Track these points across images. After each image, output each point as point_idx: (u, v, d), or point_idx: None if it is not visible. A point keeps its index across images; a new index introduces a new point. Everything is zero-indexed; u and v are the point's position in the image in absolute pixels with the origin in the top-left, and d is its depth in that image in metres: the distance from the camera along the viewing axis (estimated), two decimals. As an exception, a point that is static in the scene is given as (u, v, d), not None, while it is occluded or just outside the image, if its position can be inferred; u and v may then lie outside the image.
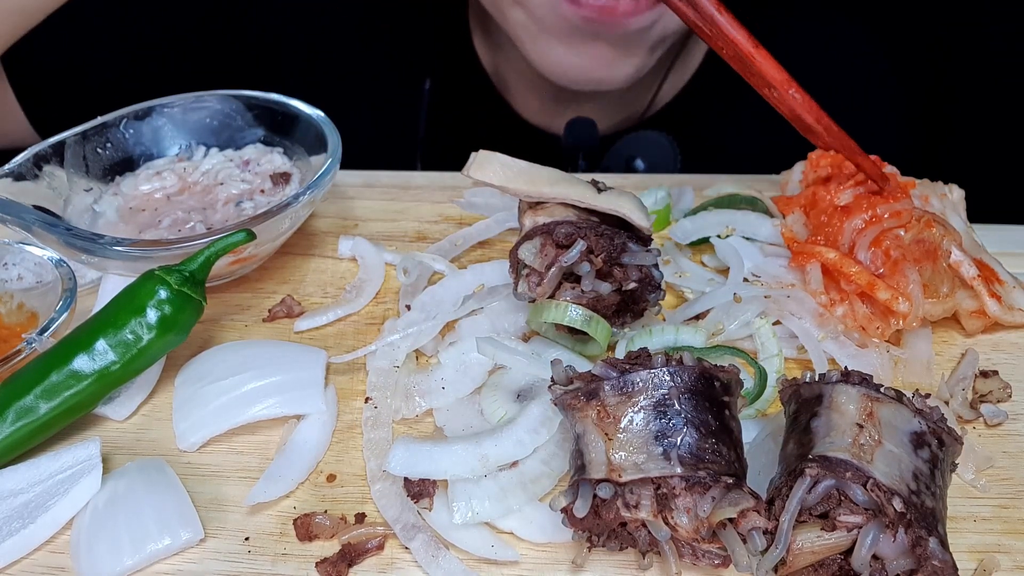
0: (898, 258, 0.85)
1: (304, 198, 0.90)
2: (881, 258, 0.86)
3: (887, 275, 0.85)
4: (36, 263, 0.90)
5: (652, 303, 0.85)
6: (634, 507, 0.62)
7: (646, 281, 0.82)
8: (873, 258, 0.87)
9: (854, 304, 0.86)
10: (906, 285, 0.84)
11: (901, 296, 0.83)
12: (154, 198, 1.01)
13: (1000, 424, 0.79)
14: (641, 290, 0.83)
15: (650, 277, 0.82)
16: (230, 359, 0.82)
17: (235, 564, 0.69)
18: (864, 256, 0.87)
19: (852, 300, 0.87)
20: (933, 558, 0.59)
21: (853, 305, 0.86)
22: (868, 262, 0.87)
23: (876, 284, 0.84)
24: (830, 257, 0.87)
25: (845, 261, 0.86)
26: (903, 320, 0.84)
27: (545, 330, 0.85)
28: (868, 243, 0.87)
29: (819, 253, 0.88)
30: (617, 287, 0.81)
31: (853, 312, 0.86)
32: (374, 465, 0.75)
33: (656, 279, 0.83)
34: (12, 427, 0.74)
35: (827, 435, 0.64)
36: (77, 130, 0.99)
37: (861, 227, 0.89)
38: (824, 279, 0.89)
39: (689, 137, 1.34)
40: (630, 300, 0.84)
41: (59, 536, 0.71)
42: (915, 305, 0.83)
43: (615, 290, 0.81)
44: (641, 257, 0.81)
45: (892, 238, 0.87)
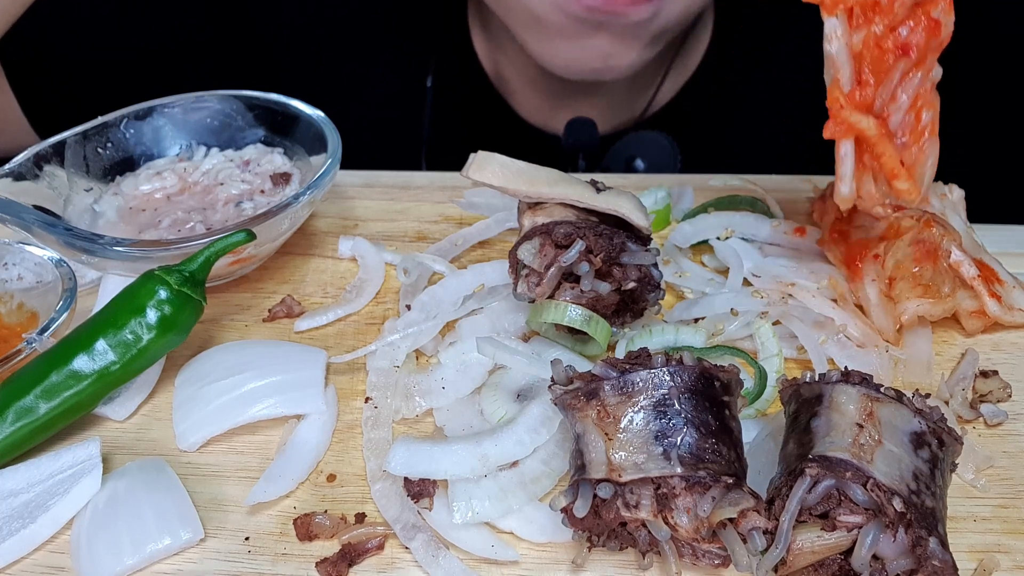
0: (927, 125, 0.82)
1: (304, 198, 0.90)
2: (912, 123, 0.82)
3: (908, 144, 0.82)
4: (36, 263, 0.90)
5: (652, 303, 0.85)
6: (634, 507, 0.62)
7: (645, 281, 0.82)
8: (903, 122, 0.82)
9: (865, 180, 0.83)
10: (921, 163, 0.81)
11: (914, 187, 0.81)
12: (154, 198, 1.01)
13: (1000, 424, 0.79)
14: (640, 290, 0.83)
15: (649, 276, 0.82)
16: (230, 359, 0.82)
17: (235, 564, 0.69)
18: (897, 119, 0.81)
19: (865, 176, 0.83)
20: (933, 558, 0.59)
21: (864, 180, 0.83)
22: (900, 124, 0.82)
23: (900, 173, 0.80)
24: (871, 135, 0.80)
25: (884, 142, 0.80)
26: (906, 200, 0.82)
27: (545, 330, 0.85)
28: (906, 106, 0.82)
29: (861, 129, 0.80)
30: (616, 287, 0.81)
31: (860, 185, 0.82)
32: (374, 465, 0.75)
33: (655, 278, 0.83)
34: (12, 427, 0.74)
35: (827, 435, 0.64)
36: (77, 130, 0.99)
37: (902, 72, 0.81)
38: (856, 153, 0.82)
39: (689, 137, 1.34)
40: (629, 300, 0.84)
41: (59, 536, 0.71)
42: (924, 192, 0.82)
43: (614, 290, 0.81)
44: (640, 257, 0.81)
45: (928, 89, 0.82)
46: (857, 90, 0.80)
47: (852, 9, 0.80)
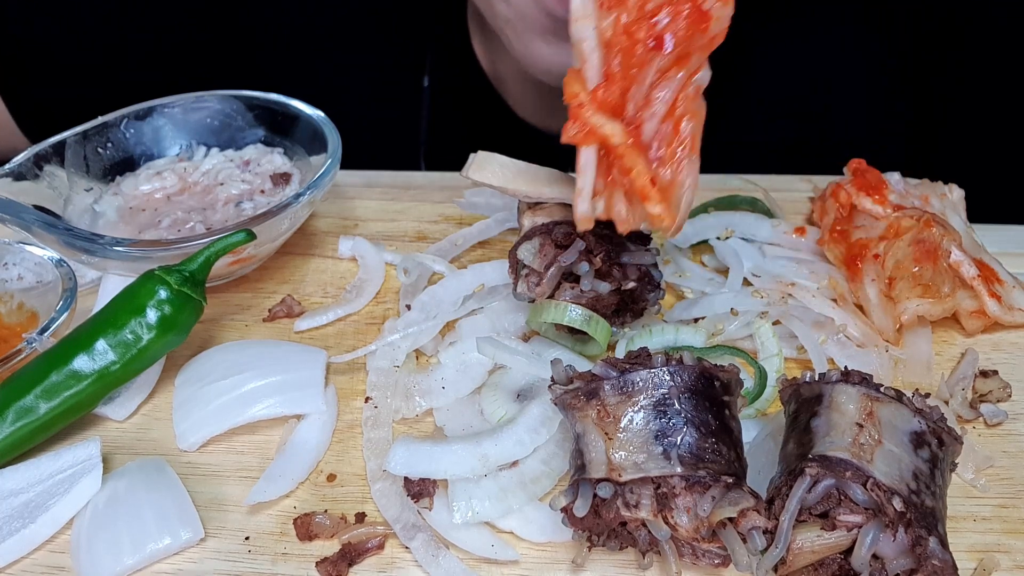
0: (687, 140, 0.70)
1: (304, 198, 0.90)
2: (669, 135, 0.69)
3: (665, 159, 0.70)
4: (36, 263, 0.90)
5: (652, 302, 0.85)
6: (634, 506, 0.62)
7: (645, 280, 0.82)
8: (659, 132, 0.69)
9: (615, 197, 0.71)
10: (678, 185, 0.69)
11: (667, 212, 0.69)
12: (154, 198, 1.01)
13: (1000, 424, 0.79)
14: (640, 289, 0.83)
15: (649, 276, 0.82)
16: (230, 359, 0.82)
17: (235, 564, 0.69)
18: (651, 127, 0.69)
19: (616, 194, 0.71)
20: (933, 557, 0.59)
21: (614, 198, 0.71)
22: (653, 134, 0.70)
23: (650, 194, 0.68)
24: (616, 143, 0.68)
25: (631, 153, 0.68)
26: (662, 231, 0.71)
27: (545, 330, 0.85)
28: (662, 113, 0.69)
29: (604, 135, 0.68)
30: (616, 287, 0.81)
31: (610, 204, 0.71)
32: (374, 465, 0.75)
33: (655, 278, 0.82)
34: (12, 427, 0.74)
35: (827, 435, 0.64)
36: (78, 130, 0.99)
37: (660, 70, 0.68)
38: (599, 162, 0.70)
39: None
40: (629, 299, 0.84)
41: (59, 536, 0.71)
42: (679, 222, 0.70)
43: (614, 290, 0.81)
44: (640, 256, 0.81)
45: (690, 96, 0.70)
46: (603, 87, 0.67)
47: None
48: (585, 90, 0.68)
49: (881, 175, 0.98)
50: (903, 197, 0.96)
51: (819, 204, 1.01)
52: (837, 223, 0.95)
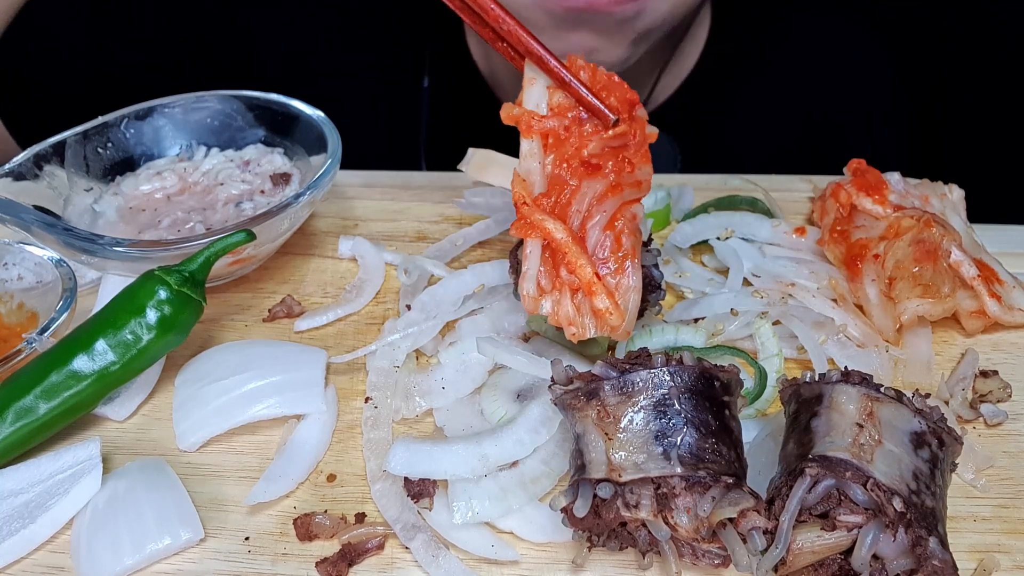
0: (628, 251, 0.75)
1: (304, 199, 0.90)
2: (612, 245, 0.75)
3: (616, 271, 0.75)
4: (36, 263, 0.90)
5: (652, 303, 0.84)
6: (634, 507, 0.62)
7: (645, 281, 0.82)
8: (601, 242, 0.75)
9: (563, 299, 0.75)
10: (625, 287, 0.74)
11: (616, 309, 0.73)
12: (154, 198, 1.01)
13: (1000, 424, 0.79)
14: (646, 292, 0.82)
15: (649, 277, 0.82)
16: (230, 359, 0.82)
17: (235, 564, 0.69)
18: (595, 237, 0.75)
19: (563, 294, 0.75)
20: (933, 558, 0.59)
21: (561, 300, 0.75)
22: (597, 244, 0.75)
23: (596, 288, 0.73)
24: (558, 237, 0.74)
25: (574, 249, 0.74)
26: (611, 332, 0.75)
27: (545, 330, 0.85)
28: (604, 223, 0.75)
29: (546, 229, 0.75)
30: None
31: (558, 309, 0.75)
32: (374, 465, 0.75)
33: (656, 279, 0.82)
34: (12, 427, 0.74)
35: (827, 435, 0.64)
36: (78, 130, 0.99)
37: (600, 193, 0.76)
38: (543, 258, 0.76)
39: (688, 137, 1.33)
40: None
41: (59, 536, 0.71)
42: (628, 321, 0.74)
43: None
44: (646, 257, 0.81)
45: (628, 218, 0.76)
46: (544, 196, 0.77)
47: (547, 135, 0.80)
48: (529, 195, 0.77)
49: (881, 175, 0.98)
50: (903, 197, 0.96)
51: (819, 204, 1.01)
52: (837, 223, 0.95)
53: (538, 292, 0.76)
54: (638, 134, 0.82)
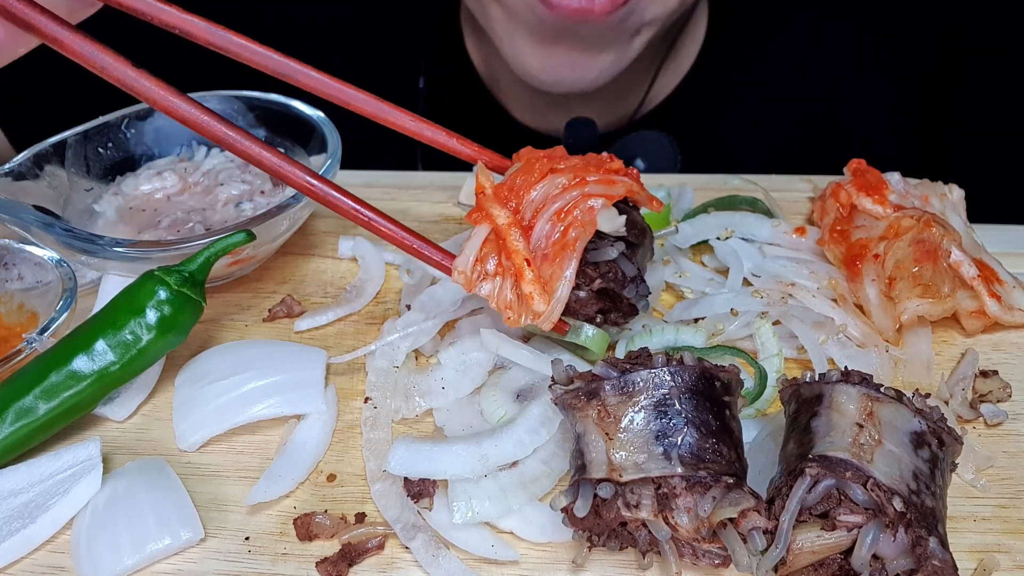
0: (569, 241, 0.74)
1: (303, 199, 0.90)
2: (559, 233, 0.75)
3: (550, 257, 0.75)
4: (36, 263, 0.90)
5: (637, 298, 0.81)
6: (634, 507, 0.62)
7: (617, 277, 0.78)
8: (548, 232, 0.75)
9: (505, 283, 0.76)
10: (557, 278, 0.74)
11: (541, 295, 0.73)
12: (154, 198, 1.01)
13: (1000, 424, 0.79)
14: (616, 287, 0.79)
15: (618, 271, 0.78)
16: (230, 359, 0.82)
17: (235, 564, 0.69)
18: (543, 227, 0.76)
19: (506, 278, 0.76)
20: (933, 558, 0.59)
21: (504, 284, 0.76)
22: (544, 234, 0.75)
23: (524, 273, 0.74)
24: (500, 223, 0.75)
25: (512, 235, 0.75)
26: (534, 318, 0.74)
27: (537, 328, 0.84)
28: (556, 211, 0.76)
29: (491, 215, 0.76)
30: (589, 289, 0.79)
31: (498, 292, 0.76)
32: (374, 465, 0.75)
33: (626, 272, 0.79)
34: (12, 427, 0.74)
35: (827, 435, 0.64)
36: (78, 129, 0.99)
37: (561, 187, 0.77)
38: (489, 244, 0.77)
39: (688, 137, 1.34)
40: (615, 298, 0.81)
41: (59, 536, 0.71)
42: (551, 309, 0.74)
43: (591, 291, 0.79)
44: (603, 253, 0.78)
45: (584, 211, 0.76)
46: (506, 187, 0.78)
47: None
48: (491, 184, 0.79)
49: (881, 175, 0.98)
50: (903, 197, 0.96)
51: (819, 204, 1.01)
52: (837, 223, 0.95)
53: (482, 275, 0.76)
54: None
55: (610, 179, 0.78)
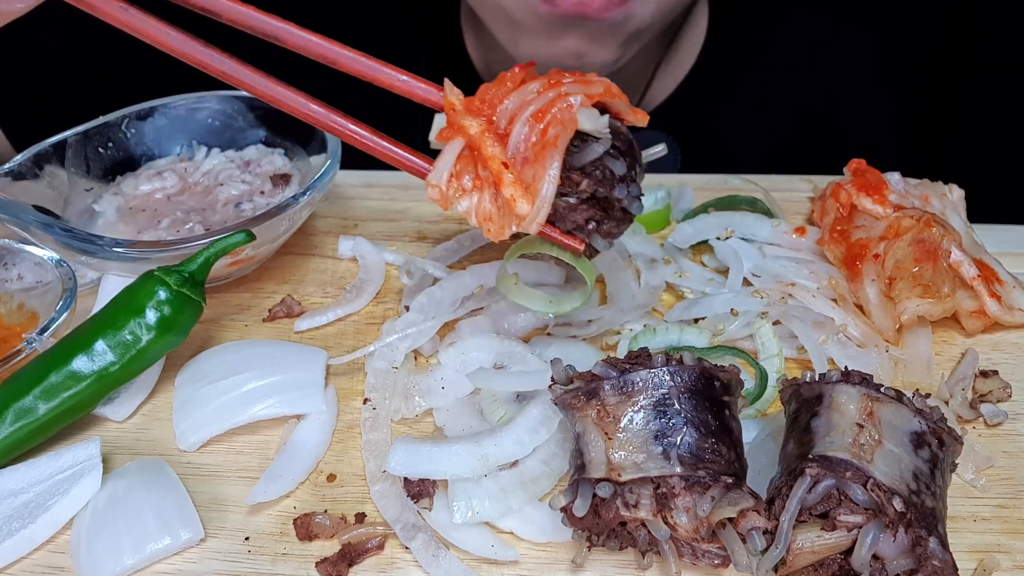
0: (550, 140, 0.69)
1: (303, 199, 0.90)
2: (537, 135, 0.70)
3: (530, 159, 0.70)
4: (36, 263, 0.90)
5: (629, 200, 0.73)
6: (634, 506, 0.62)
7: (605, 175, 0.72)
8: (526, 136, 0.70)
9: (483, 195, 0.71)
10: (540, 178, 0.68)
11: (523, 196, 0.68)
12: (154, 198, 1.01)
13: (1000, 424, 0.79)
14: (605, 188, 0.72)
15: (607, 170, 0.72)
16: (230, 359, 0.82)
17: (235, 564, 0.69)
18: (520, 130, 0.70)
19: (484, 190, 0.71)
20: (933, 558, 0.59)
21: (482, 196, 0.71)
22: (522, 138, 0.70)
23: (503, 176, 0.69)
24: (472, 132, 0.70)
25: (486, 139, 0.70)
26: (519, 223, 0.69)
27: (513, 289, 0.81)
28: (533, 113, 0.70)
29: (463, 126, 0.71)
30: (576, 195, 0.73)
31: (477, 206, 0.71)
32: (373, 466, 0.75)
33: (615, 170, 0.72)
34: (11, 428, 0.74)
35: (827, 435, 0.64)
36: (79, 129, 0.99)
37: (536, 92, 0.71)
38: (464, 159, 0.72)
39: (688, 136, 1.33)
40: (606, 204, 0.75)
41: (59, 536, 0.71)
42: (536, 209, 0.68)
43: (579, 199, 0.73)
44: (588, 152, 0.71)
45: (562, 110, 0.70)
46: (477, 98, 0.73)
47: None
48: (460, 101, 0.74)
49: (881, 175, 0.98)
50: (903, 197, 0.96)
51: (819, 204, 1.01)
52: (837, 223, 0.95)
53: (458, 191, 0.72)
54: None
55: (586, 79, 0.73)
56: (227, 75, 0.81)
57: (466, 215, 0.72)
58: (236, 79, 0.80)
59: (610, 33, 1.12)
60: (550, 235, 0.74)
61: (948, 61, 1.32)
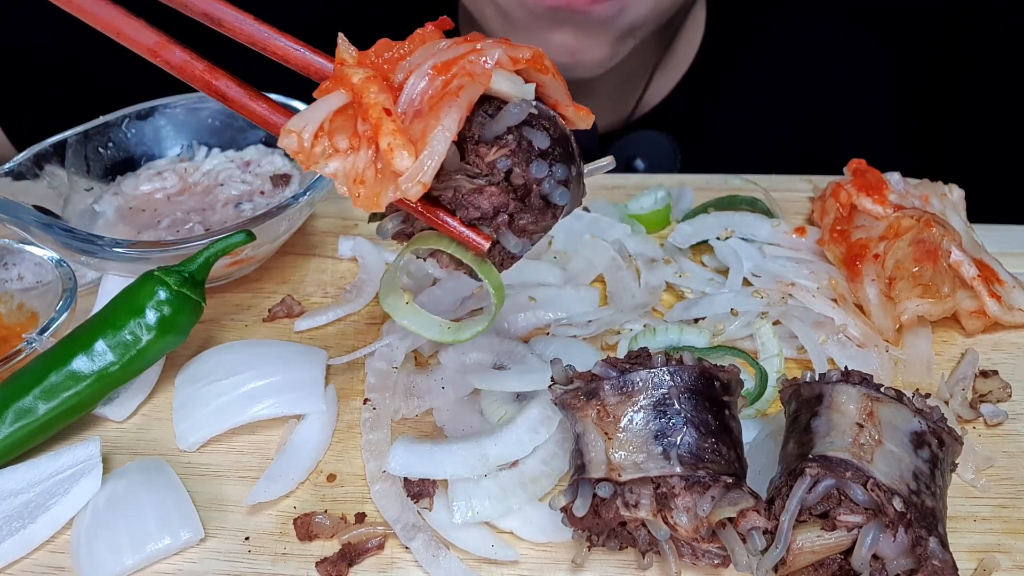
0: (452, 91, 0.56)
1: (303, 200, 0.90)
2: (436, 90, 0.57)
3: (423, 112, 0.56)
4: (36, 263, 0.90)
5: (552, 187, 0.59)
6: (633, 506, 0.62)
7: (521, 148, 0.58)
8: (423, 88, 0.57)
9: (357, 153, 0.57)
10: (431, 130, 0.55)
11: (405, 146, 0.55)
12: (154, 198, 1.01)
13: (1000, 424, 0.79)
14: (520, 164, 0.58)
15: (525, 140, 0.58)
16: (230, 359, 0.82)
17: (235, 564, 0.69)
18: (417, 82, 0.58)
19: (361, 150, 0.57)
20: (933, 558, 0.59)
21: (357, 156, 0.57)
22: (418, 91, 0.58)
23: (384, 122, 0.56)
24: (355, 80, 0.57)
25: (370, 86, 0.57)
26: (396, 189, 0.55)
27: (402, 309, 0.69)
28: (435, 64, 0.58)
29: (345, 75, 0.58)
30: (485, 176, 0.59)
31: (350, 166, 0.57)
32: (374, 466, 0.75)
33: (536, 142, 0.58)
34: (11, 428, 0.74)
35: (827, 435, 0.64)
36: (79, 129, 0.99)
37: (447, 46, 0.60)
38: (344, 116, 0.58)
39: (687, 136, 1.33)
40: (522, 192, 0.60)
41: (59, 536, 0.71)
42: (419, 164, 0.54)
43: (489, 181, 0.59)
44: (504, 118, 0.57)
45: (472, 62, 0.58)
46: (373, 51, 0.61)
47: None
48: (352, 55, 0.61)
49: (881, 175, 0.98)
50: (903, 197, 0.96)
51: (819, 204, 1.01)
52: (837, 223, 0.95)
53: (329, 151, 0.57)
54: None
55: (513, 43, 0.60)
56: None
57: (333, 177, 0.58)
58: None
59: (602, 28, 1.12)
60: (445, 224, 0.60)
61: (948, 61, 1.32)
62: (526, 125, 0.58)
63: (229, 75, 0.67)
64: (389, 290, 0.67)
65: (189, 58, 0.68)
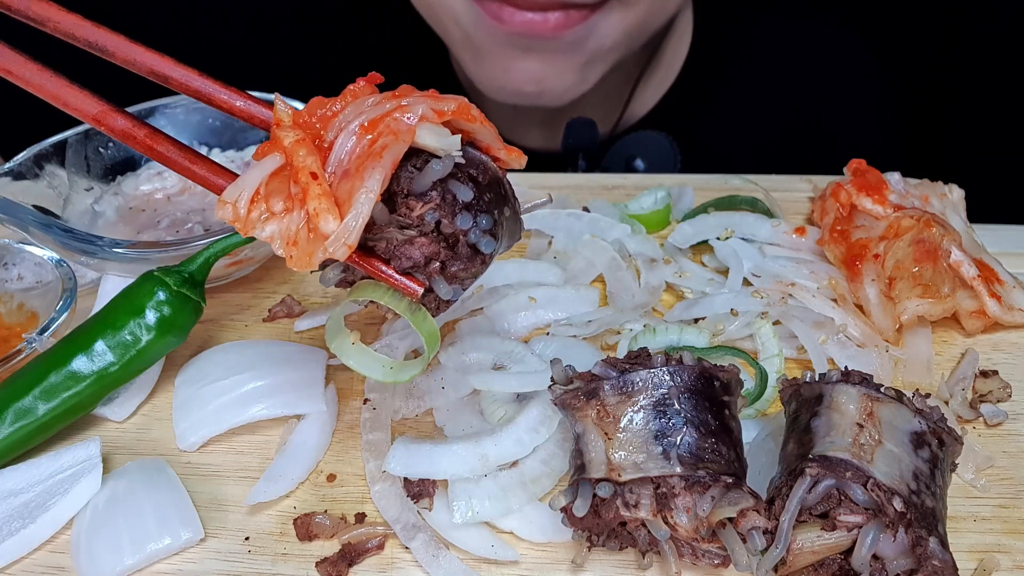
0: (376, 151, 0.58)
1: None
2: (362, 150, 0.59)
3: (350, 172, 0.58)
4: (36, 263, 0.90)
5: (478, 236, 0.61)
6: (634, 506, 0.62)
7: (446, 201, 0.60)
8: (351, 148, 0.59)
9: (291, 215, 0.59)
10: (356, 191, 0.57)
11: (330, 210, 0.57)
12: (154, 198, 1.01)
13: (1000, 424, 0.79)
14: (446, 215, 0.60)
15: (449, 194, 0.60)
16: (230, 359, 0.82)
17: (235, 564, 0.69)
18: (345, 141, 0.60)
19: (294, 211, 0.59)
20: (933, 558, 0.59)
21: (291, 218, 0.59)
22: (346, 150, 0.59)
23: (311, 187, 0.57)
24: (286, 143, 0.60)
25: (299, 149, 0.59)
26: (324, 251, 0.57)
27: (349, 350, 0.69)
28: (363, 123, 0.60)
29: (278, 137, 0.61)
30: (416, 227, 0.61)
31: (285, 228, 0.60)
32: (373, 466, 0.75)
33: (460, 196, 0.60)
34: (11, 428, 0.74)
35: (827, 435, 0.64)
36: (79, 129, 0.99)
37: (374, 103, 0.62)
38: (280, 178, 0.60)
39: (688, 137, 1.33)
40: (451, 240, 0.62)
41: (59, 536, 0.71)
42: (345, 226, 0.57)
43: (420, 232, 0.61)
44: (427, 173, 0.60)
45: (396, 120, 0.59)
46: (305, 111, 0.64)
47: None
48: (288, 115, 0.64)
49: (881, 175, 0.98)
50: (903, 197, 0.96)
51: (819, 204, 1.01)
52: (837, 223, 0.95)
53: (265, 215, 0.60)
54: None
55: (439, 96, 0.63)
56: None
57: (270, 241, 0.60)
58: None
59: (569, 54, 1.11)
60: (380, 272, 0.62)
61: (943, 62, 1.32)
62: (451, 178, 0.61)
63: (170, 139, 0.69)
64: (335, 333, 0.69)
65: (131, 125, 0.70)
